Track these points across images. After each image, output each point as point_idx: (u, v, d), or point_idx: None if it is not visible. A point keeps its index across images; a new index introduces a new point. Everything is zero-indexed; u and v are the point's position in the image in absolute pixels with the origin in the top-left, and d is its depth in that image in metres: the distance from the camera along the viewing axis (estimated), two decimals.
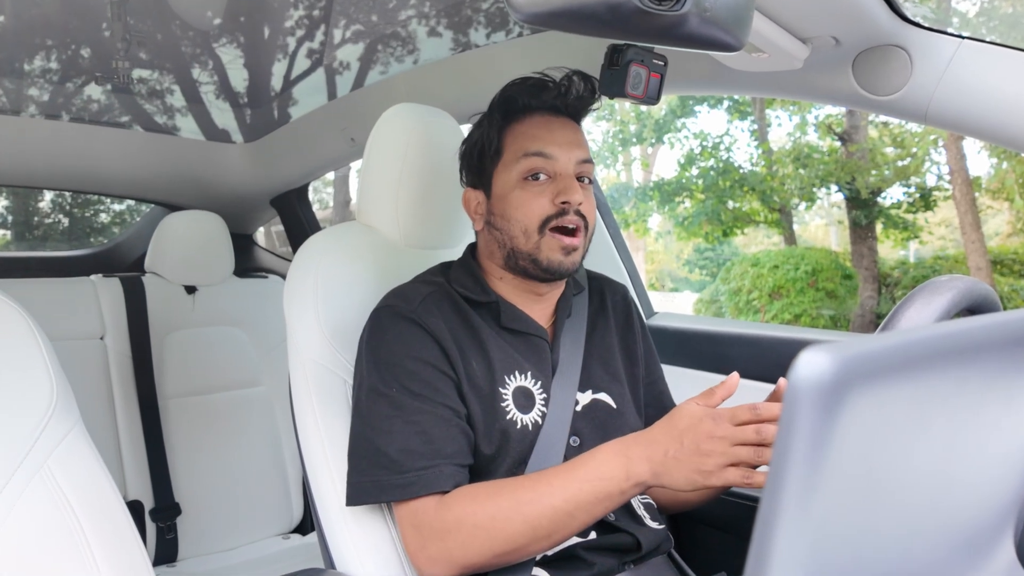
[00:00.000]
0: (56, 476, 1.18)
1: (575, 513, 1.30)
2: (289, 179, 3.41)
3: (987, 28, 12.56)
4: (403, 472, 1.38)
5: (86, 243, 9.58)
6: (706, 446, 1.20)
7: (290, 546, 3.06)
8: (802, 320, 13.60)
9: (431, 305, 1.54)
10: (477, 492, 1.37)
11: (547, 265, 1.54)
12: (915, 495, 0.71)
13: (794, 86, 1.80)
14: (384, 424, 1.42)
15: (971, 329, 0.71)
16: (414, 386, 1.44)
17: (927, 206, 14.79)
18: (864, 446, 0.59)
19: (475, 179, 1.65)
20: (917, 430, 0.67)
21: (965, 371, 0.71)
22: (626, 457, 1.29)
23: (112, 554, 1.18)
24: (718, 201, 15.92)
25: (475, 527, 1.33)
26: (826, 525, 0.59)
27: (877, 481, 0.64)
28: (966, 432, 0.75)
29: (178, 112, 3.21)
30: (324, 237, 1.76)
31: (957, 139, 12.98)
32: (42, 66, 2.69)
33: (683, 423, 1.25)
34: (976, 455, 0.79)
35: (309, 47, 2.75)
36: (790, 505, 0.55)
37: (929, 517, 0.75)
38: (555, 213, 1.52)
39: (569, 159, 1.55)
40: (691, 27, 1.06)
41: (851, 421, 0.56)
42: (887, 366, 0.59)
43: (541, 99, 1.58)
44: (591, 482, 1.29)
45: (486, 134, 1.61)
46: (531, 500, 1.32)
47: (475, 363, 1.51)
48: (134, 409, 2.92)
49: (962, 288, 1.38)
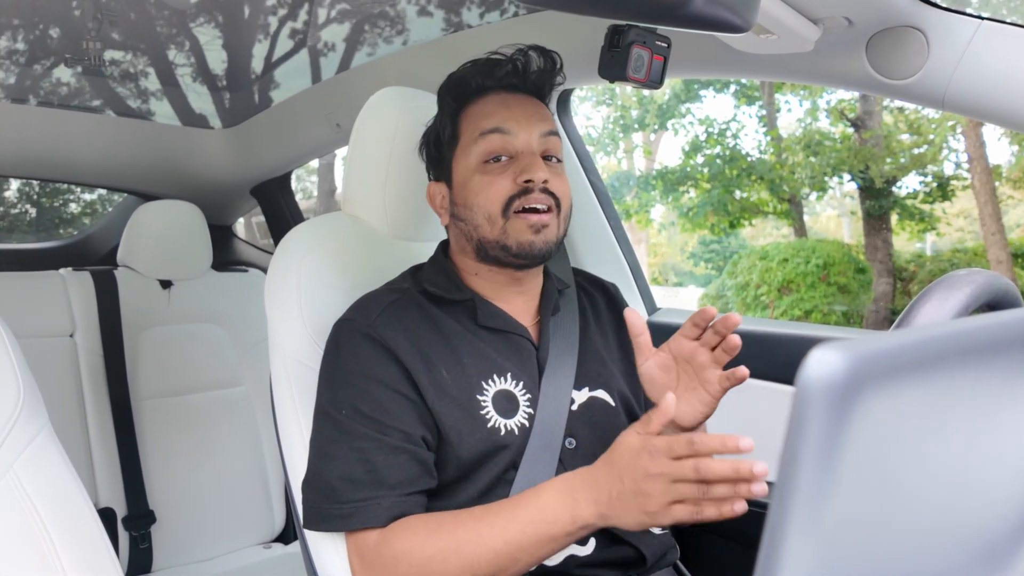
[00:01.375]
0: (23, 482, 1.18)
1: (517, 556, 1.29)
2: (270, 167, 3.41)
3: (1008, 8, 12.58)
4: (342, 503, 1.39)
5: (55, 235, 9.55)
6: (646, 486, 1.17)
7: (272, 556, 3.06)
8: (813, 316, 13.62)
9: (392, 317, 1.52)
10: (418, 529, 1.36)
11: (517, 249, 1.52)
12: (931, 500, 0.72)
13: (805, 69, 1.80)
14: (330, 448, 1.43)
15: (991, 326, 0.71)
16: (365, 407, 1.43)
17: (945, 196, 14.81)
18: (877, 449, 0.60)
19: (436, 171, 1.66)
20: (933, 432, 0.67)
21: (984, 370, 0.71)
22: (572, 499, 1.27)
23: (82, 565, 1.18)
24: (724, 191, 15.93)
25: (411, 566, 1.33)
26: (837, 532, 0.59)
27: (891, 486, 0.64)
28: (985, 434, 0.75)
29: (153, 96, 3.21)
30: (307, 228, 1.76)
31: (976, 125, 12.99)
32: (7, 47, 2.69)
33: (622, 460, 1.22)
34: (995, 458, 0.79)
35: (292, 27, 2.75)
36: (800, 511, 0.55)
37: (945, 523, 0.76)
38: (518, 192, 1.51)
39: (530, 133, 1.54)
40: (696, 7, 1.06)
41: (864, 423, 0.57)
42: (902, 365, 0.60)
43: (495, 77, 1.58)
44: (535, 524, 1.28)
45: (440, 120, 1.62)
46: (470, 541, 1.31)
47: (446, 372, 1.49)
48: (106, 411, 2.92)
49: (981, 283, 1.38)
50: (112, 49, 2.75)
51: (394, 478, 1.39)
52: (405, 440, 1.42)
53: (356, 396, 1.44)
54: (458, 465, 1.45)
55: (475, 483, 1.46)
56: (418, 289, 1.60)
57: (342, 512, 1.38)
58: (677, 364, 1.42)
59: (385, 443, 1.41)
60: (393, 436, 1.41)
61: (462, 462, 1.45)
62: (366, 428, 1.42)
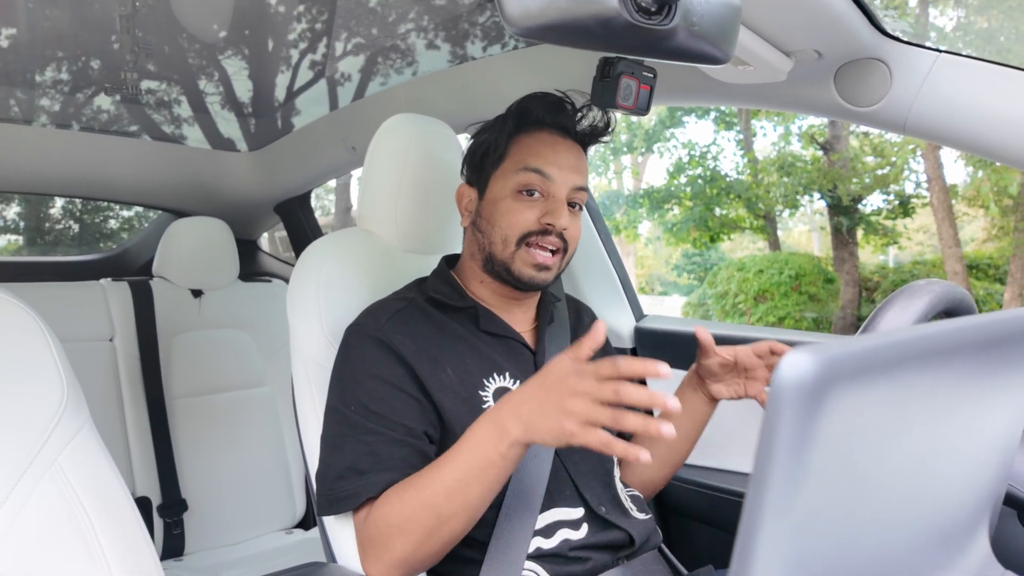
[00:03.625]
0: (67, 473, 1.18)
1: (467, 488, 1.28)
2: (292, 186, 3.41)
3: (963, 42, 12.59)
4: (347, 487, 1.39)
5: (96, 248, 9.56)
6: (569, 403, 1.16)
7: (293, 541, 3.06)
8: (786, 323, 13.63)
9: (399, 322, 1.53)
10: (391, 493, 1.36)
11: (518, 276, 1.54)
12: (894, 491, 0.72)
13: (778, 97, 1.80)
14: (339, 441, 1.43)
15: (948, 331, 0.71)
16: (372, 404, 1.43)
17: (906, 213, 14.85)
18: (845, 443, 0.60)
19: (473, 176, 1.65)
20: (896, 429, 0.67)
21: (942, 372, 0.71)
22: (497, 418, 1.26)
23: (121, 549, 1.18)
24: (705, 208, 15.95)
25: (390, 527, 1.34)
26: (809, 519, 0.59)
27: (857, 477, 0.64)
28: (943, 431, 0.75)
29: (185, 122, 3.21)
30: (326, 242, 1.76)
31: (935, 149, 13.01)
32: (53, 77, 2.69)
33: (551, 377, 1.21)
34: (952, 453, 0.79)
35: (312, 59, 2.75)
36: (774, 500, 0.55)
37: (907, 511, 0.76)
38: (537, 231, 1.52)
39: (565, 183, 1.54)
40: (679, 41, 1.06)
41: (833, 420, 0.57)
42: (867, 367, 0.60)
43: (555, 117, 1.58)
44: (471, 451, 1.28)
45: (495, 137, 1.60)
46: (427, 485, 1.31)
47: (451, 370, 1.49)
48: (142, 408, 2.92)
49: (939, 292, 1.38)
50: (148, 79, 2.75)
51: (396, 465, 1.40)
52: (408, 434, 1.42)
53: (364, 394, 1.44)
54: None
55: None
56: (424, 297, 1.60)
57: (347, 493, 1.38)
58: (736, 364, 1.55)
59: (390, 437, 1.41)
60: (397, 431, 1.42)
61: None
62: (372, 423, 1.42)
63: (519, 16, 0.93)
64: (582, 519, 1.49)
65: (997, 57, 1.51)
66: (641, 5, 0.99)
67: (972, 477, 0.87)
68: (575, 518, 1.49)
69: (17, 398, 1.18)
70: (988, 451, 0.88)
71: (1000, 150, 1.55)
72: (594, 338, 1.19)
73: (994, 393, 0.83)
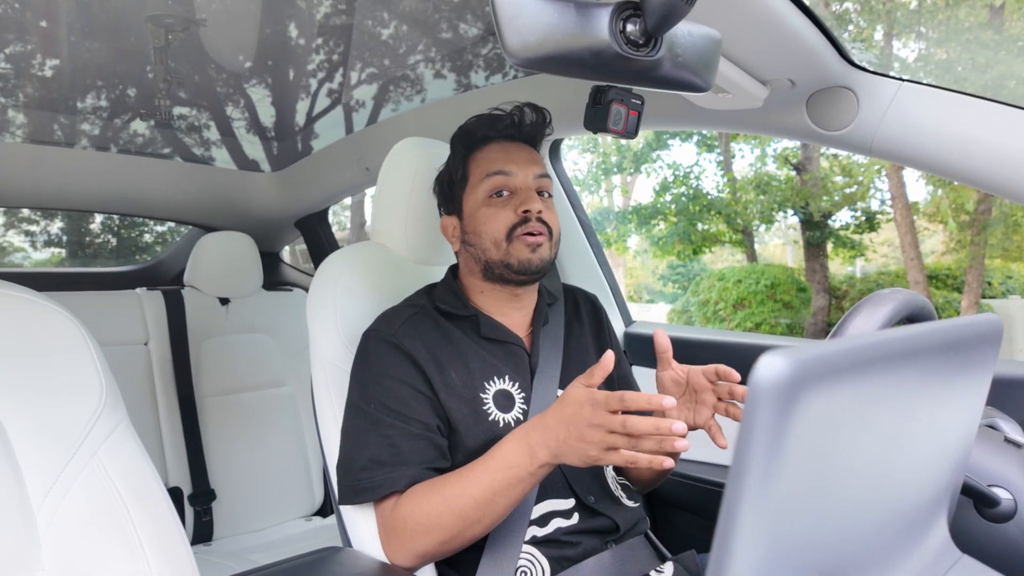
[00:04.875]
0: (105, 466, 1.18)
1: (494, 499, 1.31)
2: (311, 204, 3.41)
3: (924, 72, 12.60)
4: (372, 478, 1.40)
5: (132, 260, 9.56)
6: (587, 434, 1.19)
7: (312, 527, 3.05)
8: (762, 328, 13.61)
9: (411, 328, 1.53)
10: (417, 492, 1.38)
11: (518, 266, 1.54)
12: (860, 481, 0.72)
13: (755, 122, 1.80)
14: (361, 436, 1.44)
15: (910, 336, 0.71)
16: (390, 402, 1.44)
17: (872, 228, 14.85)
18: (816, 438, 0.60)
19: (448, 206, 1.66)
20: (862, 424, 0.67)
21: (905, 373, 0.71)
22: (528, 445, 1.28)
23: (155, 535, 1.18)
24: (689, 223, 15.95)
25: (417, 524, 1.35)
26: (783, 507, 0.59)
27: (827, 468, 0.64)
28: (905, 426, 0.75)
29: (213, 144, 3.21)
30: (342, 255, 1.76)
31: (898, 169, 13.02)
32: (93, 104, 2.69)
33: (568, 409, 1.23)
34: (914, 446, 0.79)
35: (329, 87, 2.75)
36: (752, 489, 0.55)
37: (873, 500, 0.76)
38: (519, 221, 1.53)
39: (527, 174, 1.56)
40: (664, 70, 1.06)
41: (805, 416, 0.57)
42: (837, 368, 0.60)
43: (496, 129, 1.60)
44: (502, 471, 1.30)
45: (452, 164, 1.63)
46: (456, 494, 1.33)
47: (455, 373, 1.50)
48: (174, 406, 2.92)
49: (902, 300, 1.38)
50: (180, 106, 2.76)
51: (415, 458, 1.41)
52: (424, 428, 1.43)
53: (382, 393, 1.45)
54: (464, 451, 1.45)
55: None
56: (431, 305, 1.61)
57: (371, 485, 1.39)
58: (688, 384, 1.44)
59: (408, 431, 1.42)
60: (414, 425, 1.43)
61: (468, 448, 1.45)
62: (391, 419, 1.43)
63: (519, 48, 0.93)
64: (573, 508, 1.50)
65: (955, 85, 1.51)
66: (630, 38, 1.00)
67: (932, 469, 0.87)
68: (566, 508, 1.50)
69: (60, 397, 1.19)
70: (946, 445, 0.88)
71: (958, 170, 1.55)
72: (604, 367, 1.22)
73: (952, 392, 0.83)
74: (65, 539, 1.12)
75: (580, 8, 0.97)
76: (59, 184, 2.95)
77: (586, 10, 0.97)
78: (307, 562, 1.43)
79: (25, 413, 1.15)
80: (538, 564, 1.44)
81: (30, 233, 8.62)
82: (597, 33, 0.97)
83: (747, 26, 1.34)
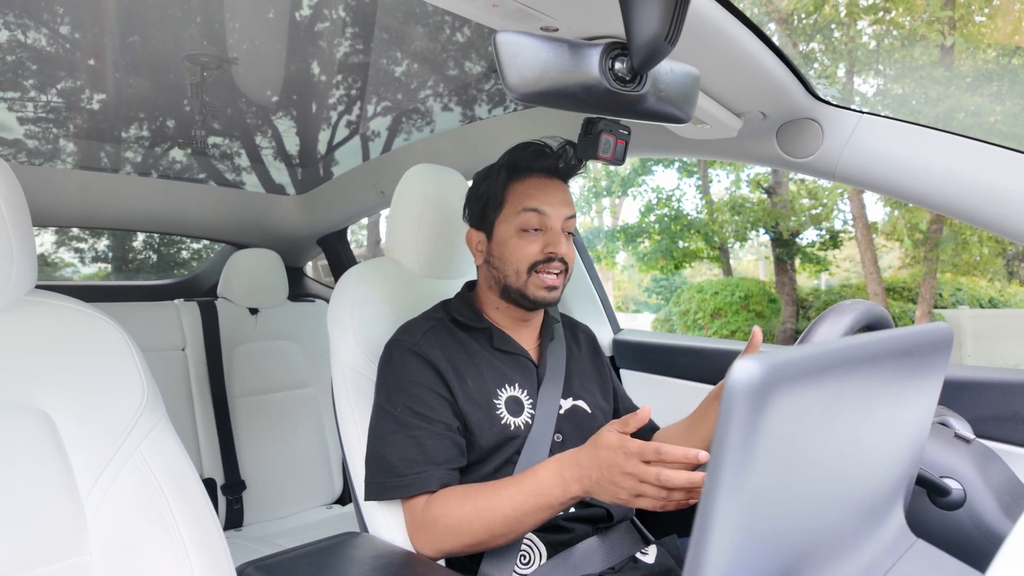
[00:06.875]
0: (147, 459, 1.18)
1: (523, 519, 1.30)
2: (332, 223, 3.41)
3: (882, 105, 12.62)
4: (402, 476, 1.39)
5: (170, 274, 9.55)
6: (619, 480, 1.16)
7: (332, 514, 3.05)
8: (737, 335, 13.59)
9: (431, 338, 1.53)
10: (449, 497, 1.37)
11: (533, 299, 1.54)
12: (826, 473, 0.72)
13: (730, 150, 1.80)
14: (389, 437, 1.43)
15: (870, 343, 0.71)
16: (416, 406, 1.44)
17: (835, 245, 14.85)
18: (786, 434, 0.60)
19: (478, 222, 1.64)
20: (827, 422, 0.67)
21: (865, 376, 0.71)
22: (562, 478, 1.26)
23: (191, 521, 1.18)
24: (671, 241, 15.94)
25: (446, 527, 1.35)
26: (756, 496, 0.59)
27: (796, 462, 0.64)
28: (866, 424, 0.75)
29: (244, 170, 3.21)
30: (360, 269, 1.76)
31: (859, 192, 13.03)
32: (136, 134, 2.70)
33: (602, 453, 1.20)
34: (873, 442, 0.79)
35: (348, 119, 2.75)
36: (728, 480, 0.55)
37: (837, 490, 0.76)
38: (543, 260, 1.53)
39: (558, 216, 1.54)
40: (649, 104, 1.07)
41: (775, 415, 0.57)
42: (804, 372, 0.60)
43: (540, 163, 1.57)
44: (535, 496, 1.28)
45: (492, 187, 1.60)
46: (487, 508, 1.32)
47: (471, 381, 1.50)
48: (208, 406, 2.92)
49: (862, 310, 1.38)
50: (213, 135, 2.76)
51: (441, 457, 1.40)
52: (447, 429, 1.43)
53: (408, 397, 1.45)
54: (478, 451, 1.45)
55: (489, 464, 1.46)
56: (448, 318, 1.61)
57: (402, 483, 1.39)
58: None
59: (433, 431, 1.42)
60: (438, 426, 1.43)
61: (482, 449, 1.45)
62: (417, 421, 1.42)
63: (518, 84, 0.93)
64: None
65: (910, 117, 1.52)
66: (618, 75, 1.00)
67: (890, 462, 0.87)
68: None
69: (107, 397, 1.19)
70: (903, 440, 0.88)
71: (913, 194, 1.55)
72: (639, 420, 1.18)
73: (908, 393, 0.83)
74: (110, 525, 1.12)
75: (573, 48, 0.98)
76: (105, 206, 2.96)
77: (579, 50, 0.98)
78: (328, 545, 1.43)
79: (75, 411, 1.16)
80: (536, 549, 1.44)
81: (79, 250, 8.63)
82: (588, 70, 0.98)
83: (723, 64, 1.35)
